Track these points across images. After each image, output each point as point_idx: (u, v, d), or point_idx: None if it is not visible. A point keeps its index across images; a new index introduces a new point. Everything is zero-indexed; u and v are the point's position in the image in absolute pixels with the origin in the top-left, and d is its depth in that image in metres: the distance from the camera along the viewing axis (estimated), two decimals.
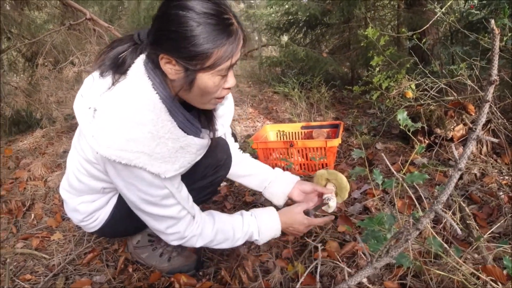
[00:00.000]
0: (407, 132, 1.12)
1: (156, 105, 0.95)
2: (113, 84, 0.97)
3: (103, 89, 0.97)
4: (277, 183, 1.43)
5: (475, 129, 0.68)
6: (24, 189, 2.21)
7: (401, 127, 1.05)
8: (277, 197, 1.43)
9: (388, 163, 0.97)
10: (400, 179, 1.00)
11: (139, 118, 0.93)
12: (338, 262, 1.03)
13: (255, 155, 2.30)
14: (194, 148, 1.05)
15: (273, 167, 1.50)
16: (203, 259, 1.49)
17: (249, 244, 1.51)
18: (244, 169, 1.47)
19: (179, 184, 1.09)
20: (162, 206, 1.05)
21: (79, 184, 1.18)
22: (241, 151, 1.52)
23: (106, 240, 1.66)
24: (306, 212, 1.32)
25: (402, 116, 1.04)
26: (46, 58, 2.39)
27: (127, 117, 0.92)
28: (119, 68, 0.98)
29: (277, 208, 1.32)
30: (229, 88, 1.01)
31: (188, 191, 1.14)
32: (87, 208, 1.23)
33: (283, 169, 1.51)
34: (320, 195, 1.40)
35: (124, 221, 1.30)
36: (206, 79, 0.93)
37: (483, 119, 0.68)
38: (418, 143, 1.24)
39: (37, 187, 2.21)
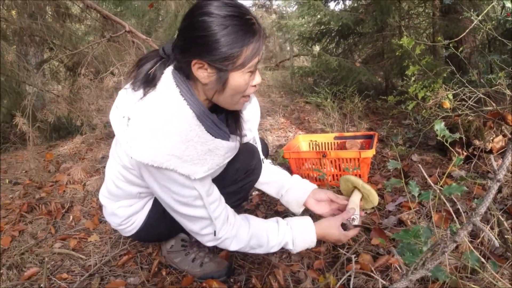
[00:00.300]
0: (445, 143, 1.10)
1: (185, 112, 1.01)
2: (144, 95, 1.03)
3: (136, 99, 1.04)
4: (292, 191, 1.45)
5: None
6: (63, 192, 2.31)
7: (438, 137, 1.03)
8: (292, 205, 1.45)
9: (425, 174, 0.94)
10: (438, 191, 0.98)
11: (169, 123, 0.99)
12: (372, 274, 1.00)
13: (287, 165, 2.30)
14: (222, 150, 1.09)
15: (305, 178, 1.50)
16: (235, 266, 1.50)
17: (281, 253, 1.51)
18: (264, 176, 1.48)
19: (210, 185, 1.12)
20: (195, 206, 1.09)
21: (117, 189, 1.26)
22: (263, 157, 1.53)
23: (141, 243, 1.71)
24: (343, 225, 1.29)
25: (439, 127, 1.01)
26: (88, 68, 2.51)
27: (157, 124, 0.99)
28: (149, 82, 1.04)
29: (312, 216, 1.32)
30: (255, 86, 1.07)
31: None
32: (124, 212, 1.30)
33: (316, 179, 1.50)
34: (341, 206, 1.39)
35: (158, 225, 1.35)
36: (237, 77, 0.99)
37: None
38: (456, 155, 1.20)
39: (76, 191, 2.31)
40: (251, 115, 1.27)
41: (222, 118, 1.17)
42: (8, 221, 2.01)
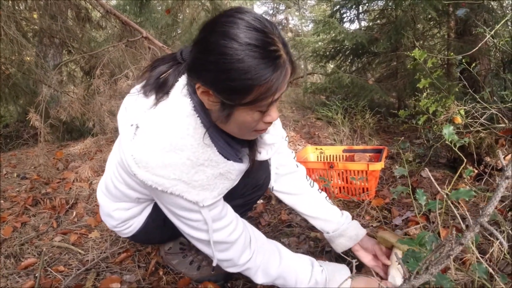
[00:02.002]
0: (455, 158, 1.07)
1: (197, 130, 0.91)
2: (155, 103, 0.93)
3: (146, 106, 0.94)
4: (342, 236, 1.33)
5: None
6: (69, 189, 2.32)
7: (447, 142, 1.00)
8: (336, 247, 1.35)
9: (433, 180, 0.91)
10: (445, 196, 0.95)
11: (179, 142, 0.89)
12: (373, 274, 0.97)
13: None
14: (234, 174, 1.00)
15: None
16: None
17: None
18: (311, 210, 1.37)
19: (223, 208, 1.03)
20: (206, 231, 1.00)
21: (115, 190, 1.17)
22: (311, 182, 1.41)
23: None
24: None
25: (448, 131, 0.99)
26: (103, 70, 2.55)
27: (166, 141, 0.88)
28: (161, 88, 0.94)
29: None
30: (270, 122, 0.93)
31: None
32: (121, 215, 1.23)
33: (321, 189, 1.45)
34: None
35: (157, 231, 1.30)
36: (244, 114, 0.86)
37: None
38: (467, 167, 1.17)
39: (82, 188, 2.32)
40: (274, 139, 1.12)
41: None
42: (12, 212, 2.02)
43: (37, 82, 3.61)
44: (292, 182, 1.38)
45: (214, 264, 1.07)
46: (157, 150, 0.88)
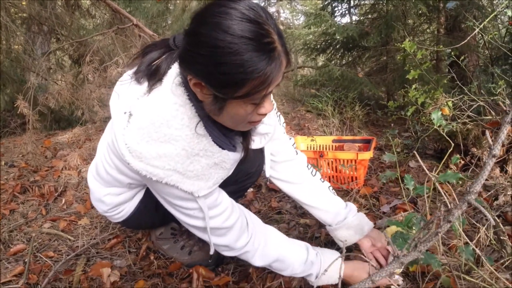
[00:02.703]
0: (442, 149, 1.09)
1: (192, 120, 0.89)
2: (148, 91, 0.92)
3: (139, 93, 0.92)
4: (345, 229, 1.29)
5: (509, 112, 0.66)
6: (58, 177, 2.30)
7: (435, 126, 1.03)
8: (342, 239, 1.30)
9: (422, 163, 0.94)
10: (433, 178, 0.97)
11: (174, 133, 0.87)
12: (362, 256, 0.99)
13: None
14: (228, 164, 0.99)
15: None
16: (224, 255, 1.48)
17: None
18: (313, 200, 1.33)
19: (219, 194, 1.03)
20: (201, 218, 1.01)
21: (106, 175, 1.15)
22: (312, 171, 1.36)
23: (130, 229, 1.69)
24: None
25: (436, 116, 1.01)
26: (93, 57, 2.52)
27: (161, 131, 0.87)
28: (154, 75, 0.92)
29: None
30: (264, 114, 0.91)
31: None
32: (112, 200, 1.22)
33: None
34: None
35: (149, 216, 1.31)
36: (237, 107, 0.84)
37: None
38: (453, 158, 1.20)
39: (71, 176, 2.30)
40: (268, 128, 1.10)
41: None
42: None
43: (25, 70, 3.55)
44: (291, 170, 1.33)
45: (211, 252, 1.08)
46: (151, 140, 0.87)
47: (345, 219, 1.29)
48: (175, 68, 0.91)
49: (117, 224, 1.72)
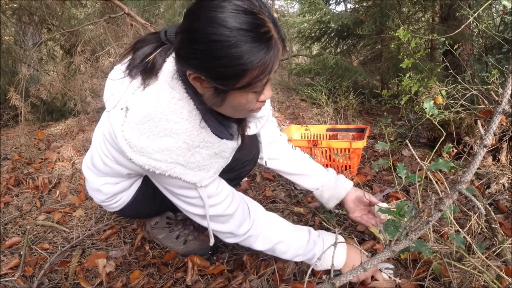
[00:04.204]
0: (435, 138, 1.10)
1: (191, 113, 0.90)
2: (144, 85, 0.91)
3: (134, 87, 0.91)
4: (330, 188, 1.38)
5: (501, 102, 0.66)
6: (52, 169, 2.29)
7: (427, 116, 1.03)
8: (328, 202, 1.39)
9: (414, 152, 0.94)
10: (425, 167, 0.98)
11: (174, 127, 0.88)
12: (355, 246, 1.00)
13: None
14: (227, 152, 1.01)
15: None
16: (219, 244, 1.49)
17: None
18: (296, 168, 1.41)
19: (219, 183, 1.04)
20: (203, 206, 1.02)
21: (104, 166, 1.14)
22: (291, 146, 1.45)
23: (125, 219, 1.69)
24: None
25: (428, 105, 1.02)
26: (85, 47, 2.49)
27: (161, 126, 0.87)
28: (149, 70, 0.91)
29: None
30: (264, 101, 0.93)
31: None
32: (110, 190, 1.21)
33: None
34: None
35: (146, 205, 1.31)
36: (239, 97, 0.86)
37: (508, 91, 0.66)
38: (446, 146, 1.21)
39: (64, 168, 2.29)
40: (263, 112, 1.13)
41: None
42: None
43: (16, 62, 3.50)
44: (275, 149, 1.41)
45: (211, 243, 1.10)
46: (152, 135, 0.87)
47: (329, 180, 1.40)
48: (170, 62, 0.91)
49: (113, 214, 1.73)
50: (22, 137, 2.35)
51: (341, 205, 1.41)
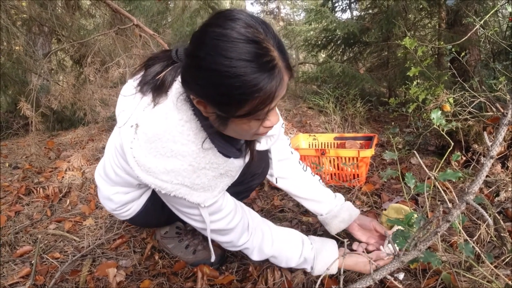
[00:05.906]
0: (444, 146, 1.10)
1: (198, 135, 0.91)
2: (154, 102, 0.92)
3: (144, 104, 0.93)
4: (336, 217, 1.37)
5: (506, 114, 0.66)
6: (62, 178, 2.32)
7: (435, 126, 1.03)
8: (330, 229, 1.39)
9: (421, 162, 0.94)
10: (433, 177, 0.98)
11: (180, 149, 0.89)
12: (362, 255, 1.00)
13: None
14: (234, 171, 1.02)
15: None
16: (228, 254, 1.50)
17: None
18: (305, 192, 1.41)
19: (223, 199, 1.05)
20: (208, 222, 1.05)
21: (115, 176, 1.16)
22: (303, 166, 1.45)
23: (135, 228, 1.71)
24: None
25: (436, 115, 1.02)
26: (94, 58, 2.53)
27: (167, 146, 0.88)
28: (159, 88, 0.92)
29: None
30: (270, 127, 0.91)
31: None
32: (121, 199, 1.24)
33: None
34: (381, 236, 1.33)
35: (156, 214, 1.32)
36: (241, 124, 0.85)
37: None
38: (454, 155, 1.20)
39: (74, 177, 2.32)
40: (274, 130, 1.12)
41: None
42: (5, 202, 2.02)
43: (26, 72, 3.56)
44: (285, 167, 1.41)
45: (212, 260, 1.17)
46: (158, 155, 0.89)
47: (336, 206, 1.39)
48: (179, 82, 0.92)
49: (123, 223, 1.75)
50: (32, 147, 2.38)
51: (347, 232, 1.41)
